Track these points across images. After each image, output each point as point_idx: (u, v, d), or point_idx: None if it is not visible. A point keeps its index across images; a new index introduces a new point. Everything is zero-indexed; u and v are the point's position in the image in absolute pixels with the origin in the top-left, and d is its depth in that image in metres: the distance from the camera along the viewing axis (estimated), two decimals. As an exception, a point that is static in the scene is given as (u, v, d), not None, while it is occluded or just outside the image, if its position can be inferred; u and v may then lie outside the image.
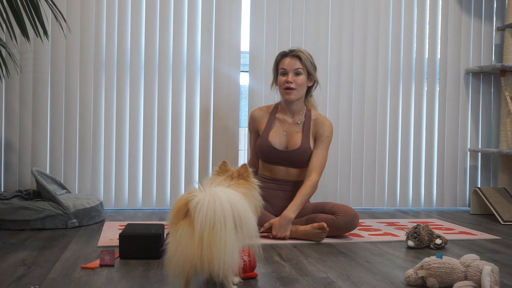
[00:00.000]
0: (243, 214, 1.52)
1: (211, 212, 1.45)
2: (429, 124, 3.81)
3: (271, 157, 2.75)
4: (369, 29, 3.68)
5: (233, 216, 1.49)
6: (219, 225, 1.45)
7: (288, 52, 2.76)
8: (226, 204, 1.48)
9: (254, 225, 1.58)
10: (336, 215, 2.58)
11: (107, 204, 3.40)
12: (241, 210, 1.52)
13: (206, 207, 1.45)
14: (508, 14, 3.69)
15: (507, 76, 3.67)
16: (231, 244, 1.47)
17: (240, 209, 1.52)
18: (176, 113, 3.47)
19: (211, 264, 1.45)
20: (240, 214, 1.51)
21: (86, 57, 3.36)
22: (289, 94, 2.72)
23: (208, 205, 1.45)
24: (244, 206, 1.56)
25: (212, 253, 1.45)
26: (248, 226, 1.54)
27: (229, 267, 1.48)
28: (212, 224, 1.45)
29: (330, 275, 1.92)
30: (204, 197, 1.47)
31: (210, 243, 1.44)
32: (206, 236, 1.44)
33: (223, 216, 1.46)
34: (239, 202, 1.55)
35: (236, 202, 1.53)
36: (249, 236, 1.56)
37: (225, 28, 3.51)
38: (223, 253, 1.45)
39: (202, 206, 1.45)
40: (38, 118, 3.31)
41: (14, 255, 2.14)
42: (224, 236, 1.46)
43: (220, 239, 1.45)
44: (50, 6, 2.72)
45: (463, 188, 3.87)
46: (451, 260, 1.78)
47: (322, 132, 2.74)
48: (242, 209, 1.53)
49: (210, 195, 1.48)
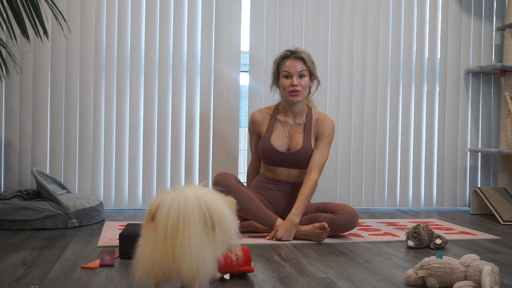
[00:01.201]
0: (215, 210, 1.38)
1: (174, 211, 1.33)
2: (429, 124, 3.81)
3: (273, 159, 2.74)
4: (369, 29, 3.68)
5: (203, 213, 1.36)
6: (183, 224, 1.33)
7: (289, 54, 2.73)
8: (192, 200, 1.35)
9: (231, 223, 1.45)
10: (336, 214, 2.58)
11: (107, 204, 3.40)
12: (213, 206, 1.38)
13: (168, 206, 1.34)
14: (508, 14, 3.69)
15: (507, 76, 3.67)
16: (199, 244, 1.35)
17: (212, 205, 1.38)
18: (176, 113, 3.47)
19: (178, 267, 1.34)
20: (211, 211, 1.37)
21: (86, 57, 3.36)
22: (296, 96, 2.70)
23: (170, 204, 1.34)
24: (217, 202, 1.41)
25: (176, 255, 1.33)
26: (224, 224, 1.40)
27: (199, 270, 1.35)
28: (175, 224, 1.33)
29: (330, 275, 1.92)
30: (169, 197, 1.36)
31: (174, 245, 1.33)
32: (170, 238, 1.33)
33: (188, 214, 1.33)
34: (211, 197, 1.41)
35: (207, 198, 1.39)
36: (227, 235, 1.42)
37: (225, 28, 3.51)
38: (189, 255, 1.33)
39: (164, 206, 1.35)
40: (38, 118, 3.31)
41: (14, 255, 2.14)
42: (189, 235, 1.33)
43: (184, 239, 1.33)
44: (50, 6, 2.72)
45: (463, 188, 3.87)
46: (451, 260, 1.78)
47: (324, 130, 2.74)
48: (214, 205, 1.39)
49: (173, 194, 1.37)
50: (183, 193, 1.37)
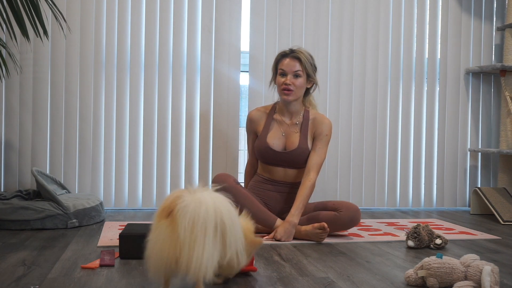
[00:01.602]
0: (227, 224, 1.52)
1: (194, 217, 1.47)
2: (429, 124, 3.81)
3: (269, 158, 2.74)
4: (369, 29, 3.68)
5: (215, 223, 1.50)
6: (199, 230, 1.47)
7: (288, 52, 2.73)
8: (211, 210, 1.49)
9: (239, 234, 1.59)
10: (339, 211, 2.59)
11: (107, 204, 3.40)
12: (225, 217, 1.52)
13: (189, 211, 1.47)
14: (508, 14, 3.69)
15: (507, 76, 3.67)
16: (210, 249, 1.48)
17: (225, 216, 1.52)
18: (176, 113, 3.47)
19: (188, 266, 1.47)
20: (224, 223, 1.52)
21: (86, 57, 3.36)
22: (287, 95, 2.71)
23: (193, 210, 1.47)
24: (229, 213, 1.55)
25: (191, 256, 1.46)
26: (231, 234, 1.55)
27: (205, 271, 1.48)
28: (193, 229, 1.46)
29: (330, 275, 1.92)
30: (191, 201, 1.49)
31: (190, 247, 1.46)
32: (187, 239, 1.46)
33: (205, 222, 1.47)
34: (225, 208, 1.55)
35: (223, 209, 1.53)
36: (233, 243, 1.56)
37: (225, 28, 3.51)
38: (201, 257, 1.46)
39: (187, 210, 1.47)
40: (38, 118, 3.31)
41: (14, 255, 2.14)
42: (203, 241, 1.47)
43: (196, 242, 1.46)
44: (50, 6, 2.72)
45: (463, 188, 3.87)
46: (451, 260, 1.78)
47: (321, 131, 2.74)
48: (226, 216, 1.53)
49: (196, 200, 1.50)
50: (204, 202, 1.50)
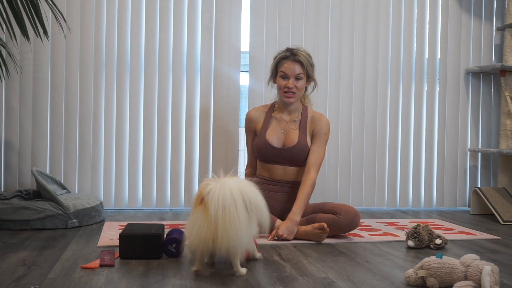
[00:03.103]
0: (252, 198, 1.78)
1: (222, 197, 1.72)
2: (429, 124, 3.81)
3: (268, 155, 2.75)
4: (369, 29, 3.68)
5: (243, 200, 1.75)
6: (230, 208, 1.71)
7: (289, 55, 2.72)
8: (235, 189, 1.74)
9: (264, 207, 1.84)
10: (338, 214, 2.58)
11: (107, 204, 3.40)
12: (250, 194, 1.78)
13: (217, 193, 1.72)
14: (508, 14, 3.69)
15: (507, 76, 3.67)
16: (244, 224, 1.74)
17: (250, 193, 1.78)
18: (176, 113, 3.47)
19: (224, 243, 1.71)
20: (250, 198, 1.77)
21: (86, 57, 3.36)
22: (290, 97, 2.72)
23: (219, 192, 1.73)
24: (253, 191, 1.81)
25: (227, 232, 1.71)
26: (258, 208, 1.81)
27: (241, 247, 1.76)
28: (223, 208, 1.71)
29: (330, 275, 1.92)
30: (216, 185, 1.75)
31: (225, 224, 1.71)
32: (220, 218, 1.71)
33: (233, 200, 1.72)
34: (248, 187, 1.80)
35: (245, 187, 1.79)
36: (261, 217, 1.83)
37: (225, 28, 3.51)
38: (236, 233, 1.71)
39: (214, 193, 1.73)
40: (38, 118, 3.31)
41: (14, 255, 2.14)
42: (236, 217, 1.72)
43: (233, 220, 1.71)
44: (50, 6, 2.72)
45: (463, 188, 3.87)
46: (451, 260, 1.78)
47: (319, 129, 2.74)
48: (251, 194, 1.78)
49: (221, 183, 1.76)
50: (228, 186, 1.76)
